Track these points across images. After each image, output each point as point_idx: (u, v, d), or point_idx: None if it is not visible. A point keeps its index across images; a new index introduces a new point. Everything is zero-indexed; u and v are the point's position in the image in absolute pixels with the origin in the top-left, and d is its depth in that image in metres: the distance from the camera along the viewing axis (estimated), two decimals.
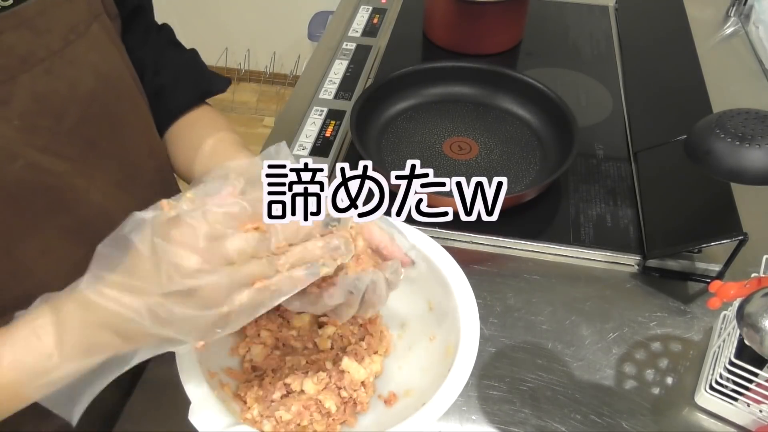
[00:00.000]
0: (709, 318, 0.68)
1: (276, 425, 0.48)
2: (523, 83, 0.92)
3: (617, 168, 0.86)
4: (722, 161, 0.57)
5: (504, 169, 0.85)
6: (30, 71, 0.47)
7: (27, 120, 0.47)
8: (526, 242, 0.76)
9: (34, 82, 0.47)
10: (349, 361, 0.52)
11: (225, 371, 0.51)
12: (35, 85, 0.47)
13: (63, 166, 0.51)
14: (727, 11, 1.17)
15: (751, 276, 0.55)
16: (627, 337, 0.67)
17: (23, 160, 0.47)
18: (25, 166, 0.47)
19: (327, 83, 1.00)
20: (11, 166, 0.47)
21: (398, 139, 0.89)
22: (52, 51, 0.48)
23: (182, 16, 2.46)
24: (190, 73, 0.67)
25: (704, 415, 0.60)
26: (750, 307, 0.50)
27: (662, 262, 0.73)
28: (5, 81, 0.45)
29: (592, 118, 0.94)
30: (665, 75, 0.98)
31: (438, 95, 0.96)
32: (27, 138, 0.47)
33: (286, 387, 0.51)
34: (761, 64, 1.04)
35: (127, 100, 0.58)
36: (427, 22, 1.12)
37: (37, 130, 0.48)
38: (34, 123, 0.48)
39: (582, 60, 1.07)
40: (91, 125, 0.53)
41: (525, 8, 1.07)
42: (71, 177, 0.52)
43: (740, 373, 0.54)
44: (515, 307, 0.69)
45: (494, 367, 0.64)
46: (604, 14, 1.18)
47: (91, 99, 0.52)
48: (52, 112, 0.49)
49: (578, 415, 0.60)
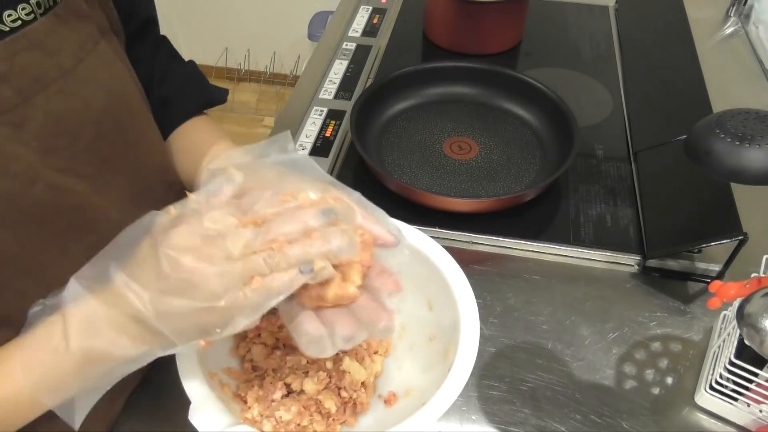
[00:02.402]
0: (709, 318, 0.68)
1: (276, 425, 0.48)
2: (523, 83, 0.92)
3: (617, 168, 0.86)
4: (722, 161, 0.57)
5: (504, 169, 0.85)
6: (44, 91, 0.46)
7: (44, 141, 0.47)
8: (526, 242, 0.76)
9: (48, 102, 0.47)
10: (350, 362, 0.52)
11: (225, 371, 0.51)
12: (50, 105, 0.47)
13: (81, 185, 0.51)
14: (727, 11, 1.17)
15: (751, 276, 0.55)
16: (627, 337, 0.67)
17: (43, 183, 0.47)
18: (46, 188, 0.47)
19: (327, 83, 1.00)
20: (32, 189, 0.46)
21: (398, 139, 0.90)
22: (65, 70, 0.48)
23: (182, 16, 2.46)
24: (195, 84, 0.68)
25: (704, 415, 0.61)
26: (750, 307, 0.50)
27: (662, 262, 0.73)
28: (20, 103, 0.45)
29: (592, 118, 0.94)
30: (665, 75, 0.98)
31: (438, 95, 0.96)
32: (45, 159, 0.47)
33: (287, 387, 0.51)
34: (761, 64, 1.04)
35: (137, 115, 0.58)
36: (427, 22, 1.12)
37: (54, 150, 0.48)
38: (52, 144, 0.48)
39: (582, 60, 1.07)
40: (105, 143, 0.53)
41: (525, 8, 1.07)
42: (90, 195, 0.52)
43: (740, 373, 0.54)
44: (515, 307, 0.70)
45: (494, 367, 0.64)
46: (604, 14, 1.19)
47: (103, 116, 0.52)
48: (68, 132, 0.49)
49: (578, 415, 0.60)
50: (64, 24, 0.48)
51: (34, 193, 0.47)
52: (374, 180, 0.80)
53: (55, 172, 0.48)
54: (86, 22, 0.51)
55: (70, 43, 0.49)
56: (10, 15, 0.44)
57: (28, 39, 0.45)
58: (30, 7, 0.45)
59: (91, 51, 0.51)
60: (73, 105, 0.49)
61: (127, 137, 0.56)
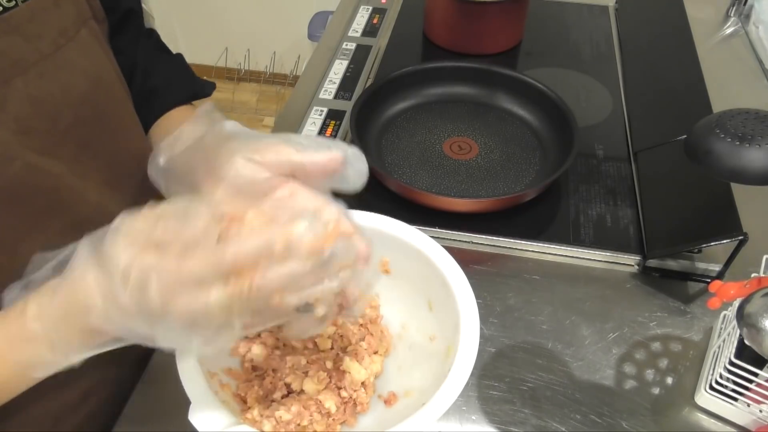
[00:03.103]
0: (709, 318, 0.68)
1: (276, 425, 0.48)
2: (523, 83, 0.92)
3: (617, 168, 0.86)
4: (722, 161, 0.57)
5: (504, 169, 0.85)
6: (23, 75, 0.48)
7: (23, 123, 0.48)
8: (526, 242, 0.76)
9: (27, 85, 0.48)
10: (350, 362, 0.52)
11: (225, 371, 0.51)
12: (29, 89, 0.48)
13: (59, 167, 0.52)
14: (727, 11, 1.17)
15: (751, 276, 0.55)
16: (627, 337, 0.67)
17: (21, 161, 0.48)
18: (23, 167, 0.48)
19: (327, 83, 1.00)
20: (9, 167, 0.47)
21: (398, 139, 0.90)
22: (44, 55, 0.49)
23: (182, 16, 2.46)
24: (182, 76, 0.70)
25: (704, 415, 0.60)
26: (750, 307, 0.50)
27: (662, 262, 0.73)
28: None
29: (592, 118, 0.94)
30: (665, 75, 0.98)
31: (438, 95, 0.96)
32: (23, 140, 0.48)
33: (287, 387, 0.51)
34: (761, 64, 1.04)
35: (116, 102, 0.59)
36: (427, 22, 1.12)
37: (33, 132, 0.49)
38: (30, 125, 0.49)
39: (582, 60, 1.07)
40: (84, 127, 0.54)
41: (525, 8, 1.07)
42: (67, 178, 0.53)
43: (740, 373, 0.54)
44: (515, 307, 0.70)
45: (494, 367, 0.64)
46: (604, 14, 1.19)
47: (83, 101, 0.53)
48: (47, 115, 0.50)
49: (578, 415, 0.60)
50: (44, 11, 0.49)
51: (12, 172, 0.48)
52: (374, 180, 0.80)
53: (34, 153, 0.49)
54: (67, 10, 0.52)
55: (50, 30, 0.50)
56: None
57: (8, 24, 0.46)
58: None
59: (71, 38, 0.52)
60: (51, 89, 0.50)
61: (107, 123, 0.57)
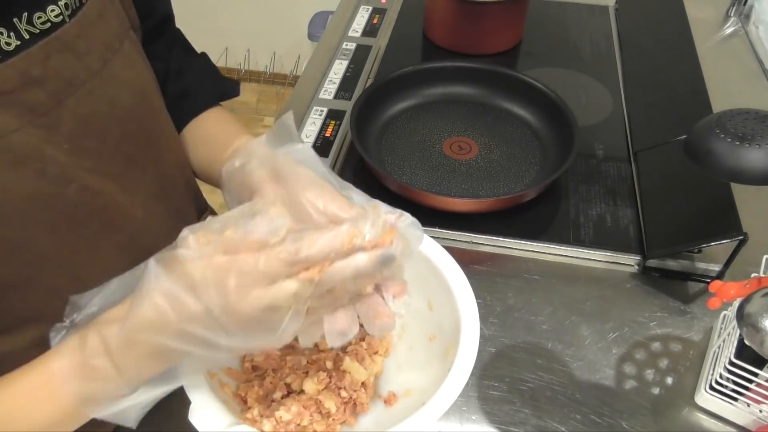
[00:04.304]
0: (709, 318, 0.68)
1: (276, 425, 0.48)
2: (523, 83, 0.92)
3: (617, 168, 0.86)
4: (722, 161, 0.57)
5: (504, 169, 0.85)
6: (74, 94, 0.47)
7: (75, 143, 0.48)
8: (526, 242, 0.76)
9: (78, 104, 0.48)
10: (351, 362, 0.52)
11: (225, 371, 0.51)
12: (79, 108, 0.48)
13: (109, 185, 0.52)
14: (727, 11, 1.17)
15: (751, 276, 0.55)
16: (627, 337, 0.67)
17: (76, 184, 0.48)
18: (79, 189, 0.49)
19: (327, 83, 1.00)
20: (66, 190, 0.48)
21: (398, 139, 0.90)
22: (93, 72, 0.49)
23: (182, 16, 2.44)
24: (210, 77, 0.69)
25: (704, 415, 0.60)
26: (750, 307, 0.50)
27: (662, 262, 0.73)
28: (54, 107, 0.46)
29: (592, 118, 0.94)
30: (665, 75, 0.98)
31: (438, 95, 0.96)
32: (76, 161, 0.48)
33: (287, 387, 0.51)
34: (761, 64, 1.04)
35: (156, 112, 0.59)
36: (427, 22, 1.12)
37: (84, 152, 0.49)
38: (82, 146, 0.48)
39: (582, 60, 1.07)
40: (131, 142, 0.54)
41: (525, 8, 1.07)
42: (116, 195, 0.53)
43: (740, 373, 0.54)
44: (515, 307, 0.70)
45: (494, 367, 0.64)
46: (604, 14, 1.19)
47: (128, 116, 0.53)
48: (97, 133, 0.50)
49: (578, 415, 0.60)
50: (91, 25, 0.49)
51: (69, 194, 0.48)
52: (374, 180, 0.80)
53: (86, 173, 0.49)
54: (111, 23, 0.51)
55: (98, 45, 0.49)
56: (40, 17, 0.44)
57: (61, 41, 0.46)
58: (59, 9, 0.46)
59: (116, 52, 0.51)
60: (100, 107, 0.50)
61: (150, 135, 0.57)
